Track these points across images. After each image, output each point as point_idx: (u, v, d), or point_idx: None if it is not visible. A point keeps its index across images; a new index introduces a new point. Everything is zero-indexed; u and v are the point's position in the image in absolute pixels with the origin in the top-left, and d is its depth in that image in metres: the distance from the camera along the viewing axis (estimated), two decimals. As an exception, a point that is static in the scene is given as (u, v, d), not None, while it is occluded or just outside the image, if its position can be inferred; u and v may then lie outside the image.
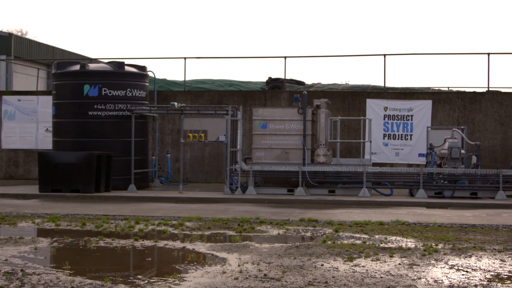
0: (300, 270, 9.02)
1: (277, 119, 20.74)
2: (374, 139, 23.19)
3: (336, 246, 10.92)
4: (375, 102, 24.32)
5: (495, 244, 11.33)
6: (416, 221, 14.40)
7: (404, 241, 11.61)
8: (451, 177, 20.08)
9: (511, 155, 23.66)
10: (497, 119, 24.00)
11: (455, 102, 24.25)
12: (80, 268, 9.37)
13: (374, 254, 10.16)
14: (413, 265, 9.42)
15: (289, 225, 13.74)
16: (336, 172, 20.53)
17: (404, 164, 23.69)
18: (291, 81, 27.63)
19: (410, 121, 24.05)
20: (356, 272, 8.90)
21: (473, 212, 16.72)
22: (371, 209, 17.39)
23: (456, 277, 8.66)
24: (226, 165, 20.49)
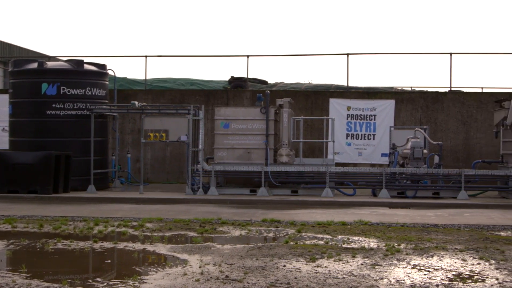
0: (262, 271, 9.04)
1: (240, 119, 20.75)
2: (337, 139, 23.34)
3: (298, 247, 10.96)
4: (338, 102, 24.48)
5: (456, 244, 11.48)
6: (379, 221, 14.53)
7: (367, 241, 11.70)
8: (414, 177, 20.30)
9: (473, 155, 24.01)
10: (459, 119, 24.33)
11: (418, 102, 24.52)
12: (37, 271, 9.26)
13: (337, 255, 10.22)
14: (375, 265, 9.50)
15: (252, 225, 13.75)
16: (299, 172, 20.62)
17: (367, 164, 23.90)
18: (254, 80, 27.68)
19: (373, 120, 24.25)
20: (318, 273, 8.94)
21: (435, 212, 16.92)
22: (334, 209, 17.49)
23: (418, 277, 8.75)
24: (188, 165, 20.43)
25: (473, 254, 10.51)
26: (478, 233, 12.95)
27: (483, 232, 13.16)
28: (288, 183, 20.75)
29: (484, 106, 24.24)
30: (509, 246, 11.27)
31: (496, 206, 18.29)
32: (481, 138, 24.22)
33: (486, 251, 10.79)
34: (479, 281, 8.59)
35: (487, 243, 11.57)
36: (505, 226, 14.17)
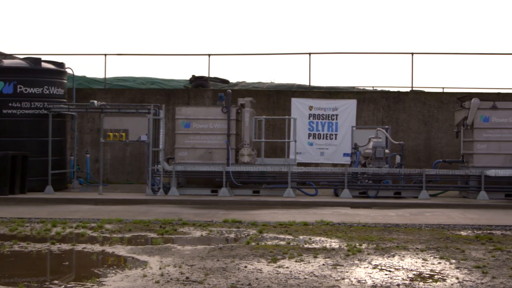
0: (223, 272, 9.03)
1: (201, 118, 20.71)
2: (299, 139, 23.42)
3: (260, 248, 10.98)
4: (300, 101, 24.57)
5: (417, 244, 11.61)
6: (341, 221, 14.62)
7: (329, 242, 11.77)
8: (376, 176, 20.47)
9: (434, 154, 24.29)
10: (420, 118, 24.60)
11: (380, 102, 24.73)
12: (-8, 273, 9.13)
13: (298, 255, 10.26)
14: (337, 265, 9.56)
15: (213, 226, 13.74)
16: (260, 172, 20.65)
17: (329, 164, 24.03)
18: (215, 79, 27.64)
19: (335, 120, 24.40)
20: (280, 274, 8.97)
21: (396, 212, 17.08)
22: (296, 209, 17.56)
23: (379, 277, 8.83)
24: (148, 166, 20.32)
25: (434, 253, 10.64)
26: (439, 233, 13.12)
27: (444, 232, 13.33)
28: (249, 183, 20.77)
29: (445, 106, 24.54)
30: (469, 246, 11.43)
31: (457, 206, 18.53)
32: (442, 138, 24.52)
33: (446, 250, 10.93)
34: (440, 280, 8.70)
35: (448, 243, 11.72)
36: (465, 225, 14.36)
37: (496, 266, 9.57)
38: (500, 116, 20.37)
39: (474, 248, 11.17)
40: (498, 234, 13.17)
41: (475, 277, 8.87)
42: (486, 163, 20.28)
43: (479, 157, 20.40)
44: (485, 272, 9.11)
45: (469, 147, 20.82)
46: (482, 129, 20.40)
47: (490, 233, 13.20)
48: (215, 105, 21.46)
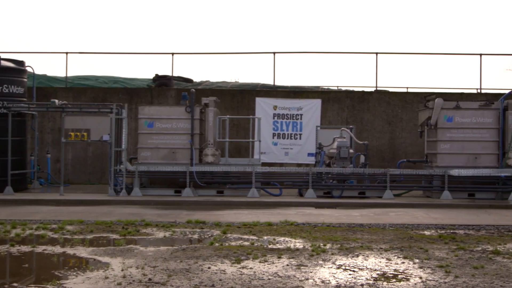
0: (186, 273, 9.01)
1: (164, 118, 20.63)
2: (264, 139, 23.46)
3: (223, 248, 10.97)
4: (265, 101, 24.61)
5: (381, 243, 11.70)
6: (305, 221, 14.68)
7: (293, 242, 11.80)
8: (340, 176, 20.57)
9: (398, 154, 24.50)
10: (384, 118, 24.79)
11: (344, 102, 24.88)
12: (-50, 276, 9.00)
13: (262, 256, 10.28)
14: (301, 265, 9.59)
15: (176, 227, 13.69)
16: (224, 172, 20.64)
17: (293, 163, 24.10)
18: (179, 78, 27.55)
19: (300, 120, 24.47)
20: (243, 274, 8.97)
21: (361, 212, 17.20)
22: (260, 209, 17.58)
23: (343, 277, 8.88)
24: (110, 166, 20.18)
25: (398, 253, 10.73)
26: (403, 233, 13.24)
27: (408, 231, 13.45)
28: (213, 183, 20.74)
29: (409, 105, 24.77)
30: (433, 245, 11.56)
31: (421, 206, 18.71)
32: (406, 137, 24.74)
33: (410, 250, 11.03)
34: (403, 280, 8.78)
35: (412, 242, 11.83)
36: (429, 225, 14.52)
37: (459, 265, 9.69)
38: (463, 116, 20.62)
39: (438, 248, 11.29)
40: (461, 233, 13.33)
41: (438, 276, 8.97)
42: (450, 162, 20.51)
43: (442, 156, 20.63)
44: (448, 272, 9.22)
45: (433, 147, 21.04)
46: (446, 129, 20.63)
47: (453, 233, 13.36)
48: (179, 104, 21.38)
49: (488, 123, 20.62)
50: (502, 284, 8.52)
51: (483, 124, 20.61)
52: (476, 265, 9.66)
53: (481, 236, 12.84)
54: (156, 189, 20.68)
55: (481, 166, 20.45)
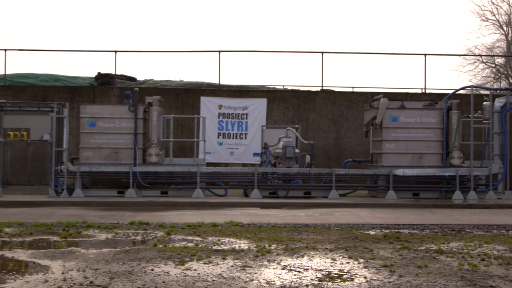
0: (129, 275, 8.93)
1: (107, 117, 20.44)
2: (209, 138, 23.44)
3: (167, 250, 10.91)
4: (210, 100, 24.57)
5: (327, 243, 11.78)
6: (250, 222, 14.69)
7: (238, 243, 11.80)
8: (285, 176, 20.67)
9: (344, 154, 24.73)
10: (330, 118, 25.00)
11: (290, 101, 25.00)
12: None
13: (207, 257, 10.25)
14: (245, 266, 9.59)
15: (119, 228, 13.56)
16: (169, 172, 20.55)
17: (239, 163, 24.14)
18: (122, 77, 27.32)
19: (245, 119, 24.52)
20: (187, 276, 8.93)
21: (306, 212, 17.30)
22: (205, 210, 17.55)
23: (288, 278, 8.91)
24: (51, 166, 19.90)
25: (343, 253, 10.82)
26: (348, 232, 13.36)
27: (353, 231, 13.58)
28: (157, 183, 20.63)
29: (354, 105, 25.03)
30: (378, 245, 11.69)
31: (366, 205, 18.93)
32: (352, 137, 24.99)
33: (355, 250, 11.13)
34: (348, 280, 8.85)
35: (357, 242, 11.95)
36: (373, 224, 14.69)
37: (403, 265, 9.81)
38: (408, 116, 20.93)
39: (382, 247, 11.42)
40: (405, 233, 13.52)
41: (382, 276, 9.07)
42: (395, 162, 20.80)
43: (387, 156, 20.90)
44: (392, 271, 9.33)
45: (378, 147, 21.30)
46: (391, 129, 20.92)
47: (398, 232, 13.53)
48: (122, 103, 21.20)
49: (432, 123, 20.97)
50: (445, 283, 8.67)
51: (428, 124, 20.96)
52: (420, 264, 9.80)
53: (425, 236, 13.03)
54: (99, 190, 20.48)
55: (426, 165, 20.80)
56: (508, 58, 51.03)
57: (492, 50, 52.30)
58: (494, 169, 20.55)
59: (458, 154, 20.60)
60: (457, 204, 19.43)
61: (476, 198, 20.20)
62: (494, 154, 20.64)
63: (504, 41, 52.36)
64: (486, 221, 15.60)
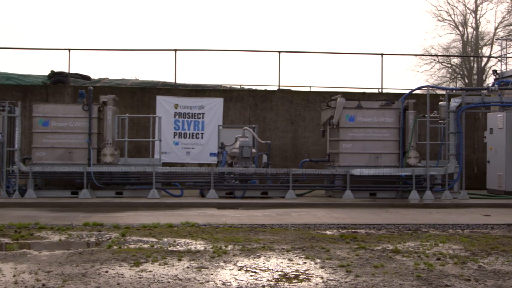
0: (83, 278, 8.85)
1: (60, 116, 20.22)
2: (165, 138, 23.33)
3: (122, 251, 10.83)
4: (166, 99, 24.46)
5: (283, 244, 11.82)
6: (207, 223, 14.68)
7: (194, 244, 11.78)
8: (242, 176, 20.68)
9: (301, 154, 24.84)
10: (287, 117, 25.08)
11: (247, 100, 25.02)
12: None
13: (162, 258, 10.20)
14: (201, 268, 9.58)
15: (72, 230, 13.44)
16: (124, 172, 20.41)
17: (195, 163, 24.07)
18: (76, 75, 27.05)
19: (202, 119, 24.46)
20: (142, 278, 8.89)
21: (263, 212, 17.34)
22: (161, 211, 17.48)
23: (245, 279, 8.92)
24: (2, 166, 19.62)
25: (300, 253, 10.87)
26: (305, 233, 13.42)
27: (310, 231, 13.65)
28: (112, 184, 20.48)
29: (312, 105, 25.15)
30: (334, 245, 11.77)
31: (323, 205, 19.04)
32: (309, 137, 25.11)
33: (312, 250, 11.19)
34: (305, 280, 8.89)
35: (313, 242, 12.01)
36: (330, 224, 14.78)
37: (360, 265, 9.90)
38: (365, 116, 21.11)
39: (339, 247, 11.50)
40: (362, 232, 13.63)
41: (339, 276, 9.13)
42: (352, 162, 20.96)
43: (344, 156, 21.05)
44: (349, 271, 9.40)
45: (335, 147, 21.44)
46: (348, 128, 21.07)
47: (354, 232, 13.64)
48: (76, 102, 20.99)
49: (389, 122, 21.18)
50: (401, 282, 8.76)
51: (384, 123, 21.16)
52: (376, 264, 9.89)
53: (382, 235, 13.16)
54: (52, 190, 20.25)
55: (383, 165, 20.99)
56: (464, 58, 51.80)
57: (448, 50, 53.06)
58: (450, 169, 20.84)
59: (414, 154, 20.84)
60: (413, 203, 19.66)
61: (432, 197, 20.45)
62: (450, 154, 20.93)
63: (460, 41, 53.15)
64: (442, 221, 15.82)
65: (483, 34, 52.50)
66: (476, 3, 52.03)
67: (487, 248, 11.61)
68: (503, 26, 47.94)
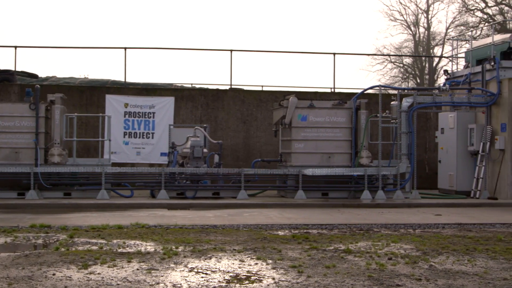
0: (29, 281, 8.73)
1: (6, 115, 19.93)
2: (114, 138, 23.14)
3: (70, 253, 10.72)
4: (115, 98, 24.27)
5: (235, 245, 11.83)
6: (157, 224, 14.61)
7: (144, 245, 11.72)
8: (194, 176, 20.63)
9: (253, 153, 24.88)
10: (239, 117, 25.10)
11: (198, 100, 24.97)
12: None
13: (111, 260, 10.13)
14: (152, 269, 9.53)
15: (19, 232, 13.25)
16: (72, 173, 20.19)
17: (145, 164, 23.94)
18: (23, 73, 26.69)
19: (152, 118, 24.33)
20: (91, 280, 8.81)
21: (215, 213, 17.33)
22: (110, 212, 17.34)
23: (195, 280, 8.91)
24: None
25: (251, 254, 10.89)
26: (257, 233, 13.45)
27: (262, 232, 13.68)
28: (60, 185, 20.24)
29: (264, 104, 25.21)
30: (286, 245, 11.82)
31: (275, 205, 19.11)
32: (261, 136, 25.17)
33: (263, 251, 11.22)
34: (256, 281, 8.91)
35: (265, 243, 12.05)
36: (283, 225, 14.84)
37: (312, 265, 9.96)
38: (317, 115, 21.23)
39: (291, 248, 11.56)
40: (314, 233, 13.72)
41: (290, 276, 9.17)
42: (304, 162, 21.07)
43: (296, 156, 21.15)
44: (300, 272, 9.45)
45: (287, 146, 21.53)
46: (300, 128, 21.17)
47: (306, 232, 13.72)
48: (22, 101, 20.67)
49: (341, 122, 21.35)
50: (353, 282, 8.84)
51: (337, 123, 21.32)
52: (328, 265, 9.96)
53: (334, 235, 13.26)
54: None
55: (335, 165, 21.14)
56: (416, 58, 52.48)
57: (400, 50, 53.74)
58: (402, 169, 21.08)
59: (366, 153, 21.04)
60: (365, 203, 19.86)
61: (384, 197, 20.67)
62: (402, 153, 21.18)
63: (411, 41, 53.86)
64: (393, 220, 16.01)
65: (435, 34, 53.33)
66: (428, 3, 52.81)
67: (438, 248, 11.78)
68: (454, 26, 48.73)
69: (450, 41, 32.95)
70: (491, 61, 22.03)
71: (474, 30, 40.32)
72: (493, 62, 21.91)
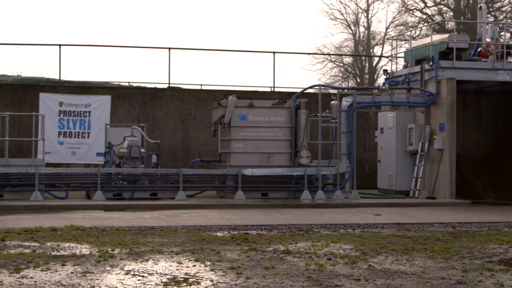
0: (-42, 286, 8.55)
1: None
2: (48, 137, 22.80)
3: (1, 257, 10.53)
4: (49, 97, 23.92)
5: (173, 246, 11.79)
6: (93, 225, 14.45)
7: (79, 248, 11.58)
8: (131, 177, 20.46)
9: (192, 153, 24.81)
10: (178, 116, 25.01)
11: (136, 98, 24.79)
12: None
13: (45, 264, 9.98)
14: (87, 273, 9.42)
15: None
16: (4, 174, 19.83)
17: (81, 164, 23.65)
18: (-48, 70, 26.10)
19: (88, 117, 24.05)
20: (23, 285, 8.66)
21: (152, 214, 17.22)
22: (44, 214, 17.08)
23: (132, 283, 8.84)
24: None
25: (189, 256, 10.86)
26: (195, 234, 13.42)
27: (200, 233, 13.66)
28: (-9, 186, 19.86)
29: (203, 103, 25.17)
30: (225, 247, 11.82)
31: (214, 206, 19.10)
32: (200, 136, 25.12)
33: (202, 252, 11.21)
34: (194, 283, 8.89)
35: (204, 244, 12.03)
36: (221, 226, 14.84)
37: (251, 266, 9.98)
38: (257, 115, 21.29)
39: (230, 249, 11.57)
40: (253, 234, 13.75)
41: (229, 278, 9.18)
42: (243, 162, 21.09)
43: (236, 156, 21.17)
44: (239, 273, 9.47)
45: (227, 146, 21.53)
46: (239, 128, 21.20)
47: (246, 233, 13.75)
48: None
49: (281, 122, 21.45)
50: (292, 283, 8.89)
51: (276, 123, 21.42)
52: (267, 266, 10.00)
53: (273, 236, 13.32)
54: None
55: (275, 165, 21.23)
56: (356, 57, 53.06)
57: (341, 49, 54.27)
58: (342, 169, 21.29)
59: (306, 153, 21.18)
60: (305, 204, 19.98)
61: (324, 197, 20.83)
62: (342, 153, 21.39)
63: (352, 40, 54.44)
64: (333, 221, 16.15)
65: (375, 34, 54.01)
66: (368, 2, 53.43)
67: (377, 248, 11.94)
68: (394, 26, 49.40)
69: (390, 41, 33.45)
70: (430, 61, 22.40)
71: (413, 30, 40.96)
72: (432, 62, 22.28)
